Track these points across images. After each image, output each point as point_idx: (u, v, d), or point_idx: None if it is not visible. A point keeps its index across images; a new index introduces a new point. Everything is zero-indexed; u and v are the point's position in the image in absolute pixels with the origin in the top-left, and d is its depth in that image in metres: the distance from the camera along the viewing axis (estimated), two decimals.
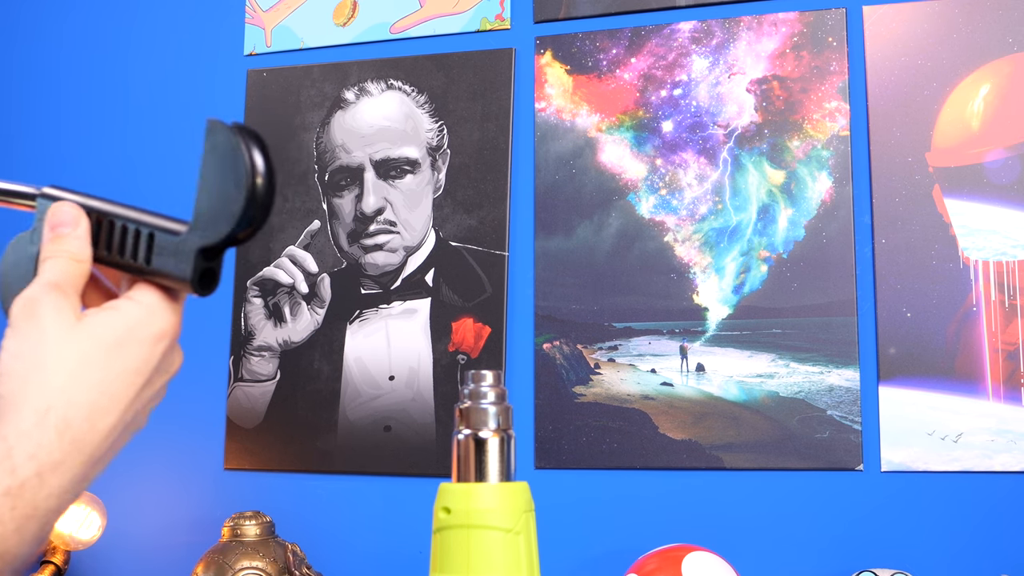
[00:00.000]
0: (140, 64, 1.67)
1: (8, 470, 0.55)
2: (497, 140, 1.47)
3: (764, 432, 1.32)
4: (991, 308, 1.28)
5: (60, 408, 0.57)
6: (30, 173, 1.69)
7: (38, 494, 0.55)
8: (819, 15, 1.37)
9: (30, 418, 0.56)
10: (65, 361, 0.58)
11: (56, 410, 0.57)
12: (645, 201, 1.41)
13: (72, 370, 0.58)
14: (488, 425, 0.81)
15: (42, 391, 0.57)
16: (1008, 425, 1.25)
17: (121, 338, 0.60)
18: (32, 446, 0.56)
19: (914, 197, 1.32)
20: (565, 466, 1.39)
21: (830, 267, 1.33)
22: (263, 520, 1.35)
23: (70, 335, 0.59)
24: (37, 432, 0.56)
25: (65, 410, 0.57)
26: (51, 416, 0.57)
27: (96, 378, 0.59)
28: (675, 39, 1.42)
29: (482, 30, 1.51)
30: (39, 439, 0.56)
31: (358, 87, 1.54)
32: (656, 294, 1.39)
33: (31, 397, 0.57)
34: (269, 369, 1.52)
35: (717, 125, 1.40)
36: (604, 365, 1.40)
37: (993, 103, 1.31)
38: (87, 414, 0.58)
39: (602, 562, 1.35)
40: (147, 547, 1.53)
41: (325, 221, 1.53)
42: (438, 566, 0.79)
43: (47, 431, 0.56)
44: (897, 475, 1.28)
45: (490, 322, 1.44)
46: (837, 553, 1.29)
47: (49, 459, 0.56)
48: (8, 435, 0.56)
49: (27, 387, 0.57)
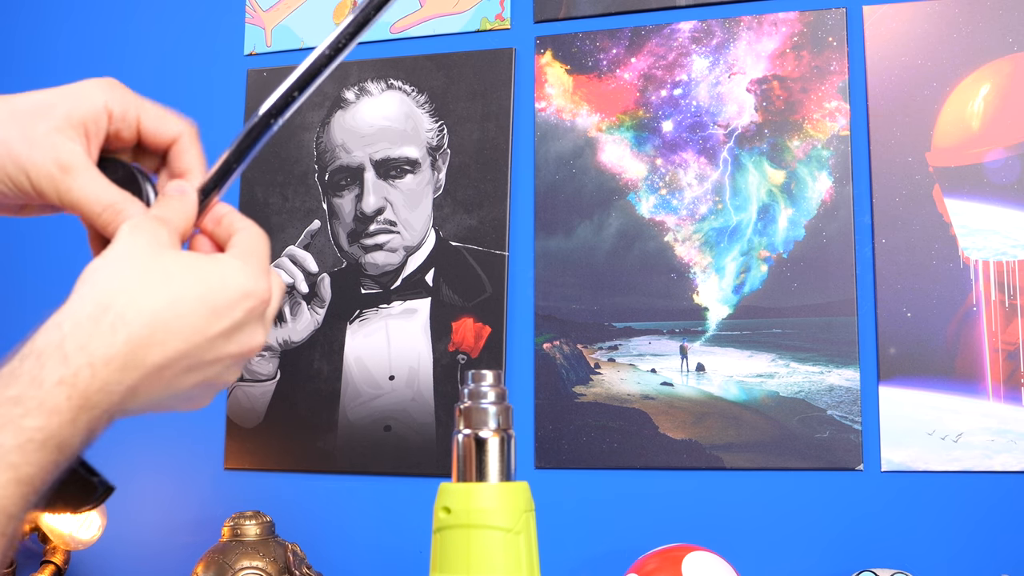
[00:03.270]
0: (140, 64, 1.67)
1: (61, 358, 0.55)
2: (497, 140, 1.47)
3: (764, 432, 1.32)
4: (991, 308, 1.28)
5: (120, 307, 0.57)
6: None
7: (90, 386, 0.55)
8: (819, 15, 1.37)
9: (87, 310, 0.57)
10: (143, 271, 0.59)
11: (116, 308, 0.57)
12: (645, 201, 1.41)
13: (146, 279, 0.58)
14: (488, 425, 0.81)
15: (108, 288, 0.57)
16: (1008, 425, 1.25)
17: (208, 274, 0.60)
18: (84, 337, 0.56)
19: (914, 197, 1.32)
20: (565, 466, 1.39)
21: (830, 267, 1.33)
22: (263, 520, 1.35)
23: (158, 254, 0.60)
24: (90, 324, 0.56)
25: (125, 309, 0.57)
26: (110, 313, 0.57)
27: (168, 295, 0.58)
28: (675, 39, 1.42)
29: (482, 30, 1.51)
30: (91, 331, 0.56)
31: (358, 87, 1.54)
32: (656, 294, 1.39)
33: (96, 292, 0.57)
34: (269, 369, 1.52)
35: (717, 125, 1.40)
36: (604, 365, 1.40)
37: (993, 103, 1.31)
38: (148, 321, 0.57)
39: (602, 562, 1.35)
40: (147, 547, 1.53)
41: (325, 221, 1.53)
42: (438, 566, 0.79)
43: (101, 325, 0.56)
44: (897, 475, 1.28)
45: (490, 322, 1.44)
46: (837, 553, 1.29)
47: (101, 353, 0.56)
48: (63, 323, 0.56)
49: (96, 284, 0.58)
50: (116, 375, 0.56)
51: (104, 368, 0.56)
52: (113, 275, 0.58)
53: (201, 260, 0.61)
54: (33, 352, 0.55)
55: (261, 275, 0.62)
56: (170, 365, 0.59)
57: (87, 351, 0.55)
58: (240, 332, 0.61)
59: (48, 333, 0.56)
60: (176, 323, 0.58)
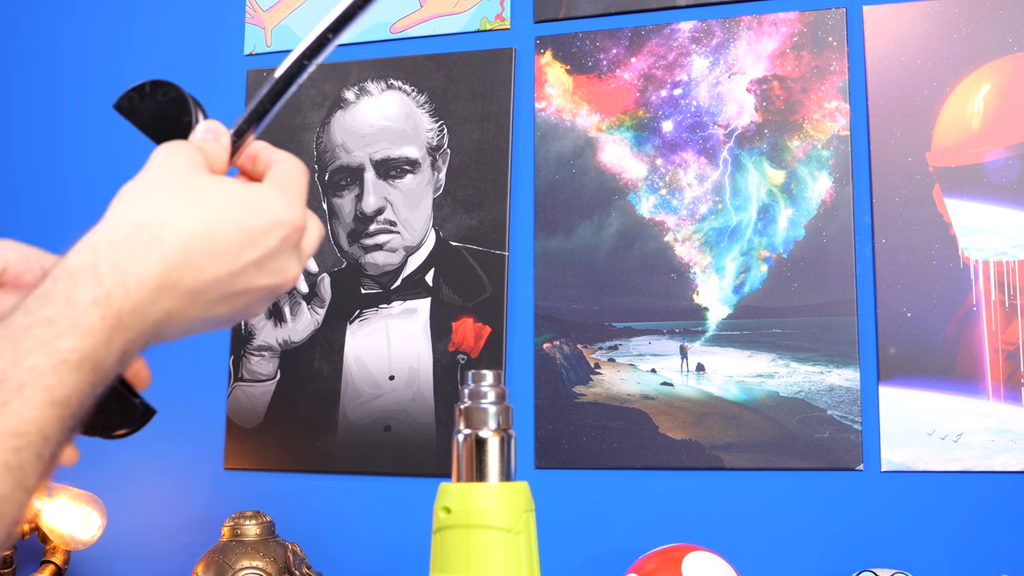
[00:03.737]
0: (140, 64, 1.67)
1: (94, 279, 0.54)
2: (497, 140, 1.47)
3: (764, 432, 1.32)
4: (991, 308, 1.28)
5: (155, 226, 0.56)
6: (29, 173, 1.69)
7: (124, 306, 0.54)
8: (819, 15, 1.37)
9: (122, 229, 0.56)
10: (179, 192, 0.58)
11: (151, 229, 0.56)
12: (645, 201, 1.41)
13: (182, 200, 0.57)
14: (488, 425, 0.81)
15: (144, 208, 0.57)
16: (1008, 425, 1.25)
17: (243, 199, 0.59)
18: (119, 257, 0.55)
19: (914, 197, 1.32)
20: (565, 466, 1.39)
21: (830, 267, 1.33)
22: (263, 520, 1.35)
23: (195, 176, 0.59)
24: (125, 244, 0.55)
25: (160, 229, 0.56)
26: (145, 233, 0.56)
27: (205, 217, 0.57)
28: (675, 39, 1.42)
29: (482, 30, 1.51)
30: (126, 251, 0.55)
31: (358, 87, 1.54)
32: (656, 294, 1.39)
33: (132, 212, 0.57)
34: (269, 369, 1.52)
35: (717, 125, 1.40)
36: (604, 365, 1.40)
37: (993, 103, 1.31)
38: (183, 243, 0.56)
39: (602, 562, 1.35)
40: (147, 547, 1.53)
41: (325, 221, 1.53)
42: (438, 566, 0.79)
43: (135, 245, 0.55)
44: (897, 475, 1.28)
45: (490, 322, 1.44)
46: (837, 553, 1.29)
47: (135, 273, 0.55)
48: (97, 243, 0.56)
49: (133, 204, 0.57)
50: (150, 296, 0.55)
51: (137, 289, 0.55)
52: (149, 195, 0.57)
53: (237, 186, 0.60)
54: (66, 272, 0.54)
55: (296, 204, 0.62)
56: (204, 290, 0.58)
57: (121, 271, 0.55)
58: (273, 261, 0.60)
59: (81, 253, 0.55)
60: (211, 247, 0.57)
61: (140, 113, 0.67)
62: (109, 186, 1.84)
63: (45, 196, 1.68)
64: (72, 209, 1.65)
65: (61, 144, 1.69)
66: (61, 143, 1.69)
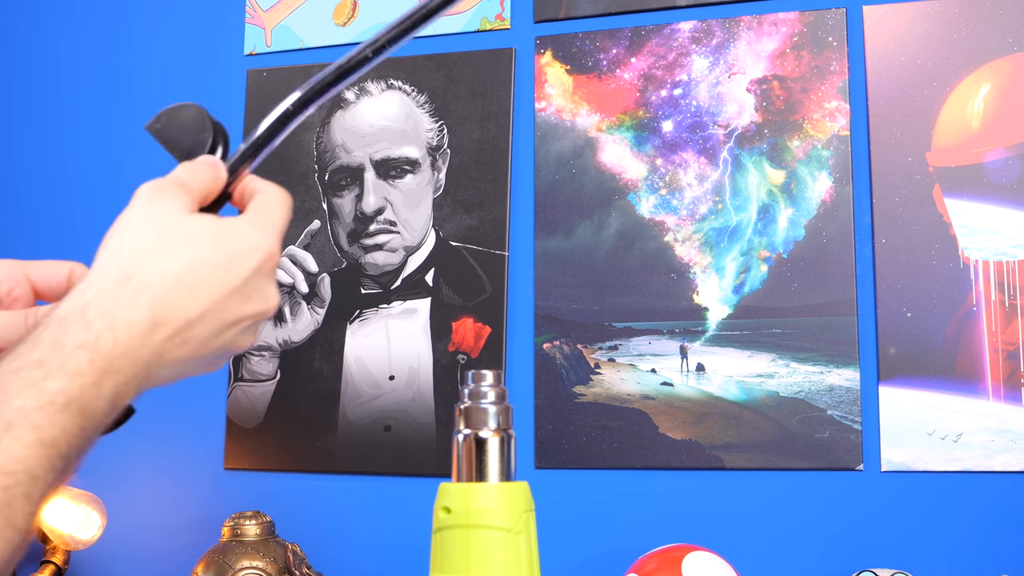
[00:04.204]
0: (140, 64, 1.67)
1: (83, 324, 0.56)
2: (497, 140, 1.47)
3: (764, 432, 1.32)
4: (991, 308, 1.28)
5: (144, 273, 0.58)
6: (29, 173, 1.69)
7: (114, 350, 0.56)
8: (819, 15, 1.37)
9: (111, 275, 0.58)
10: (165, 236, 0.60)
11: (139, 275, 0.58)
12: (645, 201, 1.41)
13: (168, 244, 0.59)
14: (488, 425, 0.81)
15: (131, 254, 0.59)
16: (1008, 425, 1.25)
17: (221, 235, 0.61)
18: (107, 302, 0.57)
19: (914, 197, 1.32)
20: (565, 466, 1.39)
21: (830, 267, 1.33)
22: (263, 520, 1.35)
23: (179, 219, 0.61)
24: (113, 290, 0.57)
25: (148, 276, 0.58)
26: (133, 279, 0.58)
27: (189, 258, 0.59)
28: (675, 39, 1.42)
29: (482, 30, 1.51)
30: (114, 296, 0.57)
31: (358, 87, 1.54)
32: (656, 294, 1.39)
33: (120, 259, 0.59)
34: (269, 369, 1.52)
35: (717, 125, 1.40)
36: (604, 365, 1.40)
37: (993, 103, 1.31)
38: (171, 285, 0.58)
39: (602, 562, 1.35)
40: (147, 547, 1.53)
41: (325, 221, 1.53)
42: (438, 566, 0.79)
43: (124, 290, 0.57)
44: (897, 475, 1.28)
45: (490, 322, 1.44)
46: (837, 553, 1.29)
47: (124, 318, 0.57)
48: (87, 291, 0.57)
49: (120, 252, 0.59)
50: (140, 339, 0.57)
51: (127, 333, 0.56)
52: (135, 241, 0.59)
53: (215, 223, 0.62)
54: (56, 319, 0.56)
55: (267, 232, 0.63)
56: (192, 327, 0.59)
57: (109, 316, 0.56)
58: (253, 288, 0.62)
59: (71, 300, 0.57)
60: (196, 285, 0.59)
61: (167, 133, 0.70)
62: (109, 185, 1.84)
63: (45, 196, 1.68)
64: (72, 209, 1.65)
65: (61, 144, 1.68)
66: (61, 143, 1.69)
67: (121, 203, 0.68)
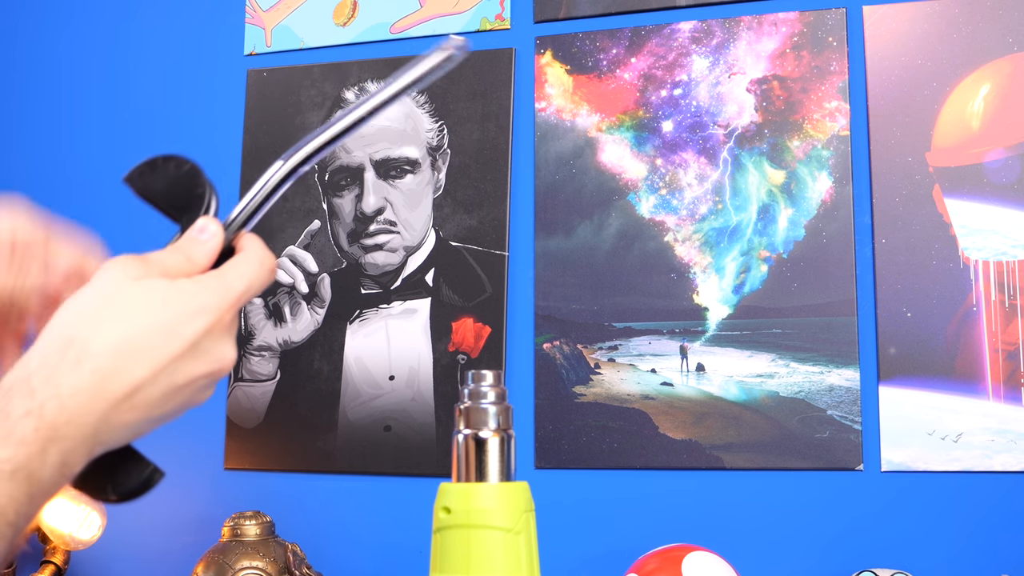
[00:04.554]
0: (140, 64, 1.67)
1: (27, 392, 0.56)
2: (497, 140, 1.47)
3: (764, 432, 1.32)
4: (991, 308, 1.28)
5: (84, 340, 0.58)
6: (29, 173, 1.69)
7: (59, 417, 0.56)
8: (819, 15, 1.37)
9: (54, 344, 0.58)
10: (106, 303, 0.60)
11: (80, 341, 0.58)
12: (645, 201, 1.41)
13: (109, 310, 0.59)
14: (488, 425, 0.81)
15: (73, 323, 0.59)
16: (1008, 425, 1.25)
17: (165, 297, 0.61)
18: (50, 370, 0.57)
19: (914, 197, 1.32)
20: (565, 466, 1.39)
21: (830, 267, 1.33)
22: (263, 520, 1.35)
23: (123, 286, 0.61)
24: (56, 357, 0.57)
25: (88, 342, 0.58)
26: (74, 347, 0.58)
27: (130, 323, 0.59)
28: (675, 39, 1.42)
29: (482, 30, 1.51)
30: (56, 364, 0.57)
31: (358, 87, 1.54)
32: (656, 294, 1.39)
33: (62, 328, 0.59)
34: (269, 369, 1.52)
35: (717, 125, 1.40)
36: (604, 365, 1.40)
37: (993, 103, 1.31)
38: (112, 351, 0.58)
39: (602, 562, 1.35)
40: (147, 547, 1.53)
41: (325, 221, 1.53)
42: (438, 566, 0.79)
43: (67, 358, 0.57)
44: (897, 475, 1.28)
45: (490, 322, 1.44)
46: (837, 553, 1.29)
47: (68, 384, 0.57)
48: (31, 360, 0.58)
49: (65, 321, 0.59)
50: (85, 406, 0.57)
51: (71, 399, 0.57)
52: (78, 310, 0.60)
53: (163, 287, 0.62)
54: (2, 389, 0.57)
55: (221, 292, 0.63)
56: (138, 391, 0.59)
57: (53, 383, 0.56)
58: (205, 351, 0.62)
59: (16, 371, 0.58)
60: (139, 349, 0.59)
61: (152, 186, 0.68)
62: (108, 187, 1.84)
63: (45, 196, 1.68)
64: (73, 209, 1.65)
65: (61, 144, 1.68)
66: (61, 143, 1.69)
67: (121, 203, 0.68)
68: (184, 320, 0.61)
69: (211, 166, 0.70)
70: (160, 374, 0.60)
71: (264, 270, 0.67)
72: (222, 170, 1.55)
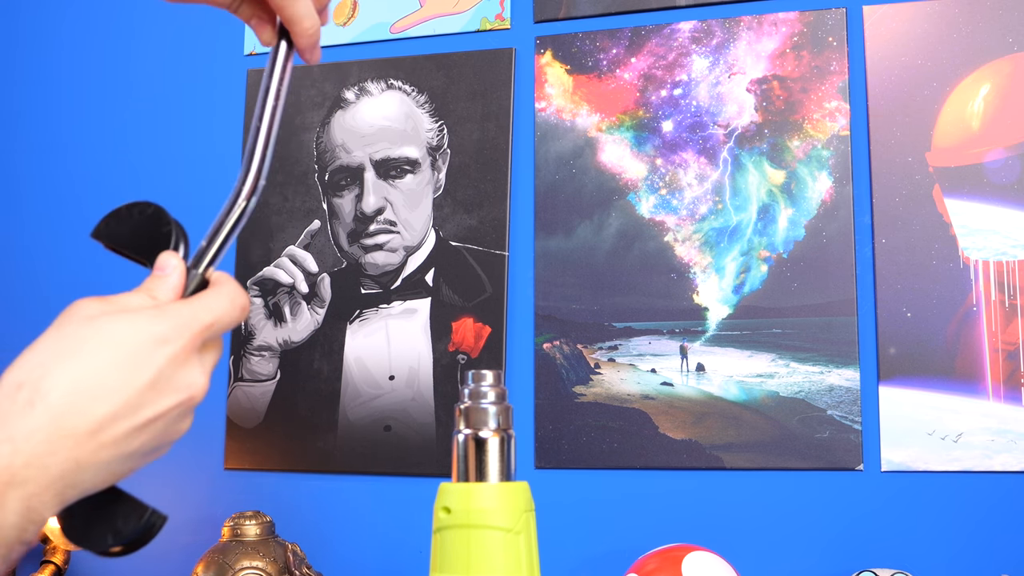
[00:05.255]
0: (140, 64, 1.67)
1: None
2: (497, 140, 1.47)
3: (764, 432, 1.32)
4: (991, 308, 1.28)
5: (35, 382, 0.57)
6: (29, 174, 1.69)
7: (14, 460, 0.55)
8: (819, 15, 1.37)
9: (4, 390, 0.57)
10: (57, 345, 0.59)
11: (31, 384, 0.57)
12: (645, 201, 1.41)
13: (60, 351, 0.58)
14: (488, 425, 0.81)
15: (24, 367, 0.58)
16: (1008, 425, 1.25)
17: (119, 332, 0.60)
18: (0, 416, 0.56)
19: (914, 197, 1.32)
20: (565, 466, 1.39)
21: (830, 267, 1.33)
22: (263, 520, 1.35)
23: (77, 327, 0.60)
24: (6, 403, 0.56)
25: (40, 383, 0.57)
26: (25, 389, 0.57)
27: (84, 361, 0.58)
28: (675, 39, 1.42)
29: (482, 30, 1.51)
30: (7, 409, 0.56)
31: (358, 87, 1.54)
32: (656, 294, 1.39)
33: (13, 374, 0.58)
34: (269, 369, 1.52)
35: (717, 125, 1.40)
36: (604, 365, 1.40)
37: (993, 103, 1.31)
38: (67, 391, 0.57)
39: (602, 562, 1.35)
40: (147, 547, 1.53)
41: (325, 221, 1.53)
42: (438, 566, 0.79)
43: (16, 402, 0.56)
44: (897, 475, 1.28)
45: (490, 322, 1.44)
46: (837, 553, 1.29)
47: (20, 428, 0.55)
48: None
49: (19, 366, 0.58)
50: (43, 447, 0.56)
51: (26, 443, 0.55)
52: (30, 355, 0.58)
53: (119, 320, 0.60)
54: None
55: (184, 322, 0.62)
56: (103, 428, 0.58)
57: (5, 428, 0.55)
58: (170, 379, 0.61)
59: None
60: (96, 386, 0.58)
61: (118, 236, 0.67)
62: (109, 187, 1.83)
63: (46, 196, 1.68)
64: (73, 209, 1.65)
65: (61, 144, 1.68)
66: (61, 143, 1.69)
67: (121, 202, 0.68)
68: (145, 352, 0.59)
69: (211, 166, 0.71)
70: (124, 410, 0.58)
71: (235, 307, 0.66)
72: (222, 170, 1.55)
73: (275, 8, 0.73)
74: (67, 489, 0.57)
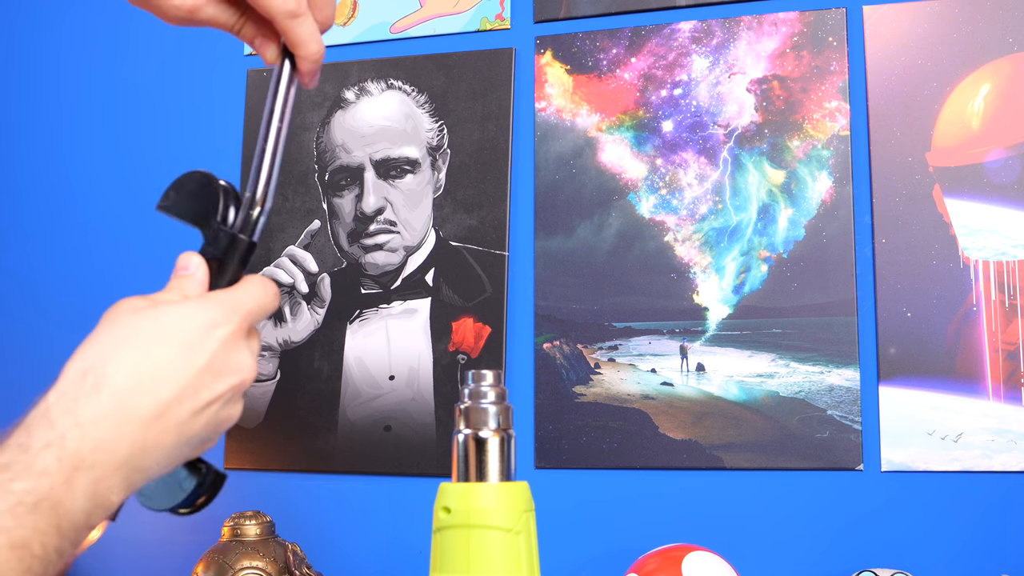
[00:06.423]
0: (140, 64, 1.67)
1: (47, 424, 0.56)
2: (497, 140, 1.47)
3: (764, 432, 1.32)
4: (991, 308, 1.28)
5: (100, 367, 0.59)
6: (30, 174, 1.69)
7: (82, 446, 0.56)
8: (819, 15, 1.37)
9: (69, 378, 0.59)
10: (115, 333, 0.61)
11: (96, 369, 0.59)
12: (645, 201, 1.41)
13: (119, 338, 0.60)
14: (488, 425, 0.81)
15: (87, 356, 0.60)
16: (1008, 425, 1.25)
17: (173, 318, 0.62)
18: (68, 401, 0.57)
19: (914, 197, 1.32)
20: (565, 466, 1.39)
21: (830, 267, 1.33)
22: (263, 520, 1.35)
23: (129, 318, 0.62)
24: (73, 389, 0.58)
25: (104, 368, 0.59)
26: (91, 375, 0.58)
27: (143, 345, 0.60)
28: (675, 39, 1.42)
29: (482, 30, 1.51)
30: (75, 395, 0.58)
31: (358, 87, 1.54)
32: (656, 294, 1.39)
33: (77, 362, 0.60)
34: (269, 369, 1.52)
35: (717, 125, 1.40)
36: (604, 365, 1.40)
37: (993, 103, 1.31)
38: (130, 374, 0.59)
39: (602, 562, 1.35)
40: (147, 547, 1.53)
41: (325, 221, 1.53)
42: (438, 566, 0.79)
43: (83, 387, 0.58)
44: (897, 475, 1.28)
45: (490, 322, 1.44)
46: (837, 553, 1.29)
47: (88, 413, 0.57)
48: (49, 395, 0.58)
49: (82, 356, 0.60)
50: (110, 431, 0.57)
51: (94, 427, 0.57)
52: (91, 345, 0.61)
53: (165, 308, 0.63)
54: (23, 426, 0.57)
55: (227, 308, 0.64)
56: (167, 411, 0.60)
57: (72, 413, 0.57)
58: (224, 362, 0.63)
59: (36, 408, 0.58)
60: (158, 369, 0.60)
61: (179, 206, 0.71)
62: (109, 187, 1.83)
63: (47, 197, 1.68)
64: (74, 210, 1.65)
65: (61, 145, 1.68)
66: (61, 144, 1.69)
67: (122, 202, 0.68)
68: (200, 336, 0.62)
69: (211, 166, 0.72)
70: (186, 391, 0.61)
71: (269, 293, 0.69)
72: (222, 170, 1.55)
73: (280, 30, 0.73)
74: (133, 473, 0.59)
